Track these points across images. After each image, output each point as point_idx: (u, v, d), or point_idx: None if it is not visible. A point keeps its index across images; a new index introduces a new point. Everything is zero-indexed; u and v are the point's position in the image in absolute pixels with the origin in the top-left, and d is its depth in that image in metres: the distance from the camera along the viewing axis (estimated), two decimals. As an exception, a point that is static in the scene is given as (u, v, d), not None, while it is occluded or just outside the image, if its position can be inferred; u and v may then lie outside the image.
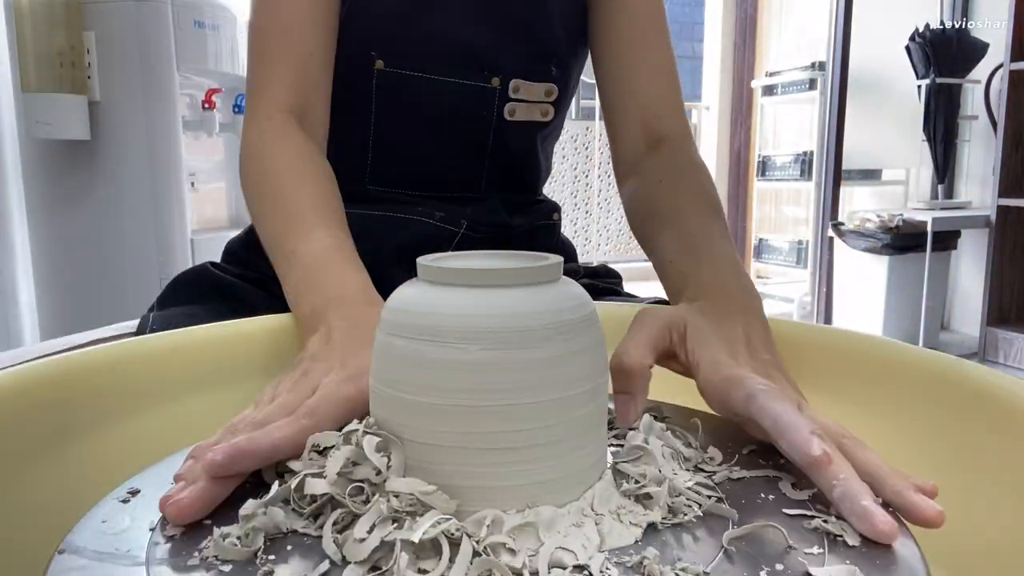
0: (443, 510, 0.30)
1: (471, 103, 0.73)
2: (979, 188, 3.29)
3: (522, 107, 0.75)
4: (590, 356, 0.33)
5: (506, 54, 0.73)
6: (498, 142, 0.76)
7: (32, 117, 1.88)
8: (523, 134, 0.77)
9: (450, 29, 0.71)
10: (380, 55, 0.71)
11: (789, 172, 3.82)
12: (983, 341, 2.81)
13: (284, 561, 0.29)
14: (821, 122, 3.54)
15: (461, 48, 0.72)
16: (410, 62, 0.72)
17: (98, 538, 0.32)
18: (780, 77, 3.88)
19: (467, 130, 0.75)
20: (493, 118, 0.75)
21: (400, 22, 0.71)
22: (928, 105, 3.09)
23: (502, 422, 0.31)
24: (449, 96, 0.73)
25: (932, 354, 0.46)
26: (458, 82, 0.73)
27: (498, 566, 0.27)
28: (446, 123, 0.74)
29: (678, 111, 0.74)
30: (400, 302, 0.33)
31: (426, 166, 0.76)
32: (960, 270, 3.31)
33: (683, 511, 0.32)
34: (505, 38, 0.73)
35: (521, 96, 0.75)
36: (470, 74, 0.73)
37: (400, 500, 0.30)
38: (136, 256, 1.99)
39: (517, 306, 0.31)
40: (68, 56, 1.88)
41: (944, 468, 0.42)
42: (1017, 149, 2.76)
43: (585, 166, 4.91)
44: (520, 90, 0.75)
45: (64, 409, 0.45)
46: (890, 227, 2.96)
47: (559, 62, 0.76)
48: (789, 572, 0.29)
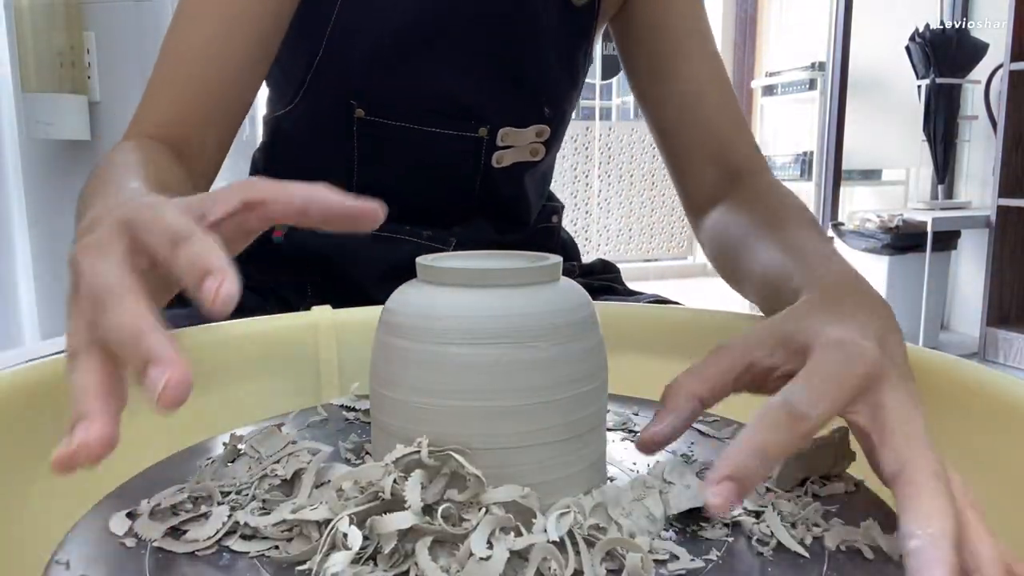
0: (536, 509, 0.30)
1: (457, 154, 0.70)
2: (979, 188, 3.29)
3: (510, 152, 0.72)
4: (591, 356, 0.33)
5: (495, 103, 0.69)
6: (485, 187, 0.73)
7: (32, 117, 1.88)
8: (511, 178, 0.74)
9: (434, 78, 0.67)
10: (360, 104, 0.67)
11: (789, 172, 3.82)
12: (983, 341, 2.81)
13: None
14: (821, 122, 3.54)
15: (446, 99, 0.68)
16: (392, 112, 0.68)
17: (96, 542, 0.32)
18: (780, 77, 3.88)
19: (452, 178, 0.72)
20: (480, 166, 0.72)
21: (380, 70, 0.67)
22: (928, 105, 3.09)
23: (503, 423, 0.31)
24: (434, 146, 0.69)
25: (932, 354, 0.46)
26: (443, 132, 0.69)
27: (623, 542, 0.28)
28: (431, 171, 0.71)
29: (751, 144, 0.71)
30: (399, 303, 0.33)
31: (413, 203, 0.72)
32: (960, 270, 3.30)
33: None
34: (493, 86, 0.69)
35: (508, 143, 0.72)
36: (456, 124, 0.69)
37: (501, 508, 0.29)
38: (136, 256, 1.99)
39: (516, 306, 0.31)
40: (68, 56, 1.87)
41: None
42: (1017, 149, 2.76)
43: (585, 166, 4.91)
44: (508, 137, 0.71)
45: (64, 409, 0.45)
46: (890, 227, 2.96)
47: (551, 102, 0.73)
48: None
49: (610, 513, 0.30)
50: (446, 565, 0.27)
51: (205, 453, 0.39)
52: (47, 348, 0.58)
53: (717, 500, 0.29)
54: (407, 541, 0.28)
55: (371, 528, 0.28)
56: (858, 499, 0.36)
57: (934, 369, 0.45)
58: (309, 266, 0.71)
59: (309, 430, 0.45)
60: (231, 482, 0.34)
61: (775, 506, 0.33)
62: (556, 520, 0.28)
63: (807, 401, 0.31)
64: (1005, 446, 0.40)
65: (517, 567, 0.27)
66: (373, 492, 0.30)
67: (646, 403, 0.50)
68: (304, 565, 0.29)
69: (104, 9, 1.91)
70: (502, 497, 0.29)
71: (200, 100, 0.61)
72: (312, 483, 0.32)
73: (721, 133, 0.69)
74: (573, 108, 0.78)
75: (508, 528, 0.28)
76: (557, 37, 0.71)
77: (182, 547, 0.30)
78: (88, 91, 1.92)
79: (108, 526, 0.32)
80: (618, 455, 0.41)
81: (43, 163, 1.99)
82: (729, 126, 0.70)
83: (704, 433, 0.44)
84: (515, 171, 0.74)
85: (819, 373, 0.32)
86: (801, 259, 0.47)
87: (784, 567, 0.29)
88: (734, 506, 0.29)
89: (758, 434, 0.30)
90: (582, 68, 0.75)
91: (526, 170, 0.75)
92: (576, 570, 0.27)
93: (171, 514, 0.32)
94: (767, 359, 0.36)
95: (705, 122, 0.70)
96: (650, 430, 0.35)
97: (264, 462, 0.35)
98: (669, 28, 0.71)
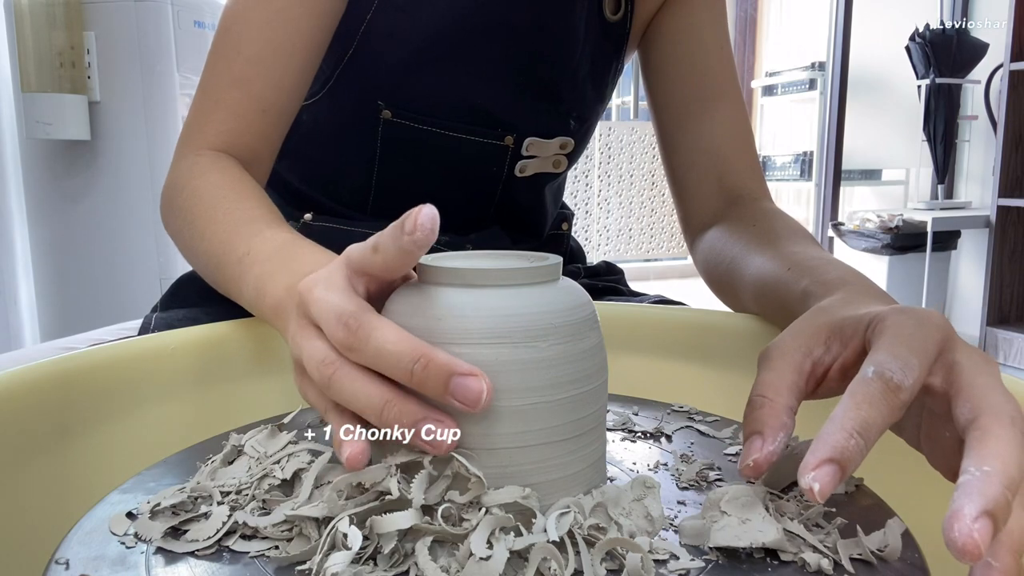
0: (536, 509, 0.30)
1: (481, 160, 0.70)
2: (979, 188, 3.29)
3: (533, 163, 0.73)
4: (590, 356, 0.33)
5: (523, 113, 0.69)
6: (506, 195, 0.73)
7: (32, 117, 1.88)
8: (532, 188, 0.75)
9: (464, 85, 0.67)
10: (387, 105, 0.68)
11: (789, 172, 3.82)
12: (983, 341, 2.81)
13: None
14: (821, 122, 3.54)
15: (475, 106, 0.68)
16: (419, 115, 0.68)
17: (96, 543, 0.32)
18: (780, 77, 3.88)
19: (475, 182, 0.72)
20: (503, 174, 0.72)
21: (410, 74, 0.67)
22: (928, 105, 3.09)
23: (503, 423, 0.30)
24: (458, 151, 0.70)
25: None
26: (469, 139, 0.69)
27: (623, 542, 0.28)
28: (453, 175, 0.71)
29: (756, 171, 0.71)
30: (399, 303, 0.33)
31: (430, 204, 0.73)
32: (960, 270, 3.30)
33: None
34: (523, 96, 0.69)
35: (533, 153, 0.72)
36: (483, 132, 0.69)
37: (503, 509, 0.29)
38: (136, 256, 1.99)
39: (516, 306, 0.31)
40: (68, 56, 1.87)
41: (944, 468, 0.42)
42: (1017, 149, 2.76)
43: (585, 166, 4.91)
44: (533, 147, 0.72)
45: (64, 409, 0.45)
46: (890, 227, 2.96)
47: (579, 116, 0.73)
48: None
49: (610, 513, 0.30)
50: (446, 565, 0.27)
51: (205, 453, 0.39)
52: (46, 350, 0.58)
53: (819, 485, 0.27)
54: (407, 541, 0.28)
55: (371, 528, 0.28)
56: (858, 499, 0.36)
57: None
58: None
59: (309, 430, 0.45)
60: (231, 482, 0.34)
61: (778, 508, 0.33)
62: (556, 520, 0.28)
63: (899, 370, 0.30)
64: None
65: (517, 567, 0.27)
66: (374, 492, 0.30)
67: (646, 403, 0.50)
68: (304, 565, 0.29)
69: (104, 9, 1.91)
70: (503, 499, 0.29)
71: (258, 114, 0.62)
72: (312, 483, 0.32)
73: (727, 159, 0.70)
74: (598, 121, 0.78)
75: (508, 528, 0.28)
76: (590, 51, 0.71)
77: (182, 547, 0.30)
78: (88, 91, 1.92)
79: (108, 526, 0.32)
80: (618, 455, 0.41)
81: (43, 163, 1.99)
82: (736, 152, 0.70)
83: (704, 433, 0.44)
84: (536, 182, 0.74)
85: (902, 342, 0.32)
86: (808, 265, 0.48)
87: (784, 568, 0.29)
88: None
89: (856, 411, 0.29)
90: (611, 83, 0.75)
91: (547, 181, 0.75)
92: (576, 570, 0.27)
93: (171, 514, 0.32)
94: (826, 355, 0.36)
95: (715, 150, 0.70)
96: (764, 451, 0.32)
97: (264, 462, 0.35)
98: (696, 62, 0.71)
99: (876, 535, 0.31)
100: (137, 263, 1.99)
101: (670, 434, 0.44)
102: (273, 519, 0.31)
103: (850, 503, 0.35)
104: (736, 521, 0.30)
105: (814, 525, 0.32)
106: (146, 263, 1.99)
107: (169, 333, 0.53)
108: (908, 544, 0.31)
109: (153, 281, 1.97)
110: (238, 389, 0.53)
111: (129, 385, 0.49)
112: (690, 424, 0.46)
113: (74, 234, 1.99)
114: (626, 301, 0.75)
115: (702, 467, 0.39)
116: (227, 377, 0.53)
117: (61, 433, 0.44)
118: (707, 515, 0.31)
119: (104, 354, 0.49)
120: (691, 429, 0.45)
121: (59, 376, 0.45)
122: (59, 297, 2.07)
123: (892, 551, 0.30)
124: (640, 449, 0.42)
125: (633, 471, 0.38)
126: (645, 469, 0.39)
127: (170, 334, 0.53)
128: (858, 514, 0.33)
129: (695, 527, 0.31)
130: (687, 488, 0.37)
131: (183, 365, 0.52)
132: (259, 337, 0.55)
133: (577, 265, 0.83)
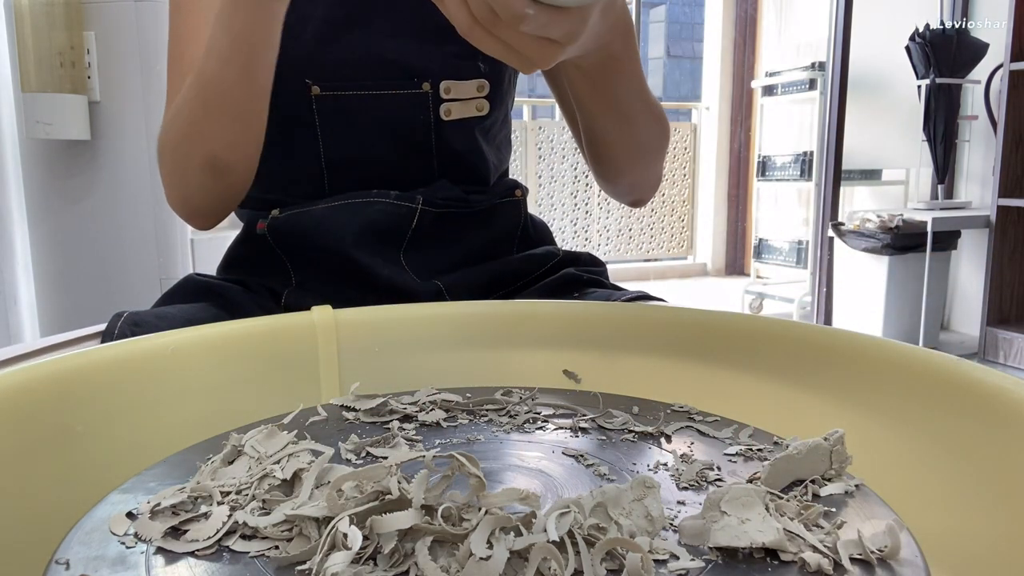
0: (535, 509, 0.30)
1: (407, 110, 0.77)
2: (979, 188, 3.29)
3: (456, 105, 0.79)
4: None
5: (431, 59, 0.76)
6: (441, 141, 0.79)
7: (32, 117, 1.88)
8: (462, 131, 0.80)
9: (374, 44, 0.75)
10: (314, 81, 0.74)
11: (789, 172, 3.82)
12: (983, 341, 2.81)
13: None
14: (821, 122, 3.54)
15: (388, 61, 0.75)
16: (343, 82, 0.75)
17: (96, 543, 0.32)
18: (780, 77, 3.88)
19: (409, 135, 0.78)
20: (431, 120, 0.78)
21: (327, 46, 0.74)
22: (928, 105, 3.09)
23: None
24: (386, 107, 0.76)
25: (932, 354, 0.46)
26: (391, 93, 0.76)
27: (623, 542, 0.28)
28: (388, 132, 0.77)
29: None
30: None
31: (378, 170, 0.78)
32: (960, 270, 3.30)
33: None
34: (428, 44, 0.76)
35: (453, 96, 0.78)
36: (401, 83, 0.76)
37: (503, 510, 0.29)
38: (136, 256, 1.99)
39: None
40: (68, 56, 1.87)
41: (944, 468, 0.42)
42: (1017, 149, 2.76)
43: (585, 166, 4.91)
44: (451, 90, 0.78)
45: (64, 409, 0.45)
46: (890, 227, 2.96)
47: (486, 58, 0.78)
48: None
49: (610, 513, 0.30)
50: (446, 565, 0.27)
51: (205, 453, 0.39)
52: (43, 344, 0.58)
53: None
54: (407, 541, 0.28)
55: (371, 528, 0.28)
56: (858, 499, 0.36)
57: (934, 369, 0.45)
58: (292, 247, 0.76)
59: (309, 430, 0.45)
60: (231, 482, 0.34)
61: (778, 508, 0.33)
62: (556, 520, 0.28)
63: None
64: (1005, 446, 0.40)
65: (517, 567, 0.27)
66: (374, 492, 0.30)
67: (646, 403, 0.50)
68: (304, 565, 0.29)
69: (104, 9, 1.91)
70: (503, 500, 0.29)
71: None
72: (313, 483, 0.32)
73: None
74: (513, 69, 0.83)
75: (508, 528, 0.28)
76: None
77: (182, 547, 0.30)
78: (88, 91, 1.92)
79: (108, 526, 0.32)
80: (618, 455, 0.41)
81: (43, 163, 1.99)
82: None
83: (704, 433, 0.44)
84: (465, 125, 0.80)
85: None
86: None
87: (784, 569, 0.29)
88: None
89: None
90: None
91: (475, 125, 0.81)
92: (576, 570, 0.27)
93: (171, 514, 0.32)
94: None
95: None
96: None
97: (264, 462, 0.35)
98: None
99: (876, 535, 0.31)
100: (137, 263, 1.99)
101: (670, 434, 0.44)
102: (273, 519, 0.31)
103: (850, 503, 0.35)
104: (736, 521, 0.30)
105: (814, 525, 0.32)
106: (146, 263, 1.99)
107: (169, 333, 0.53)
108: (908, 544, 0.31)
109: (153, 281, 1.97)
110: (238, 389, 0.53)
111: (129, 385, 0.49)
112: (690, 424, 0.46)
113: (74, 234, 1.99)
114: (608, 294, 0.76)
115: (702, 467, 0.38)
116: (227, 377, 0.53)
117: (61, 433, 0.44)
118: (707, 515, 0.31)
119: (104, 354, 0.49)
120: (691, 429, 0.45)
121: (59, 376, 0.45)
122: (59, 297, 2.06)
123: (892, 551, 0.30)
124: (640, 449, 0.42)
125: (633, 471, 0.38)
126: (645, 469, 0.39)
127: (170, 334, 0.53)
128: (858, 514, 0.33)
129: (695, 527, 0.31)
130: (687, 488, 0.37)
131: (183, 365, 0.52)
132: (259, 337, 0.55)
133: (557, 251, 0.85)
